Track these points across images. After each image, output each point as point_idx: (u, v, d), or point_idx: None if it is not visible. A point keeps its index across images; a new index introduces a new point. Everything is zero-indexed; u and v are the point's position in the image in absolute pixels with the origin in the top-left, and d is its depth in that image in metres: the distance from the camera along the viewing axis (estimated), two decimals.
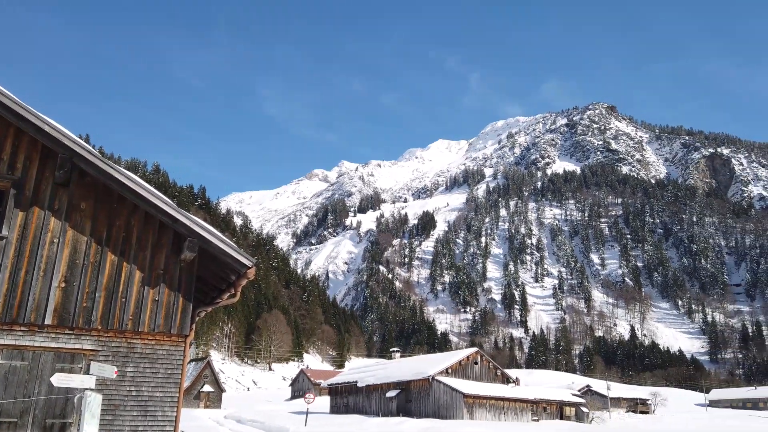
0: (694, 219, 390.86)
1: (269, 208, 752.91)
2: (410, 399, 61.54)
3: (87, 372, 11.61)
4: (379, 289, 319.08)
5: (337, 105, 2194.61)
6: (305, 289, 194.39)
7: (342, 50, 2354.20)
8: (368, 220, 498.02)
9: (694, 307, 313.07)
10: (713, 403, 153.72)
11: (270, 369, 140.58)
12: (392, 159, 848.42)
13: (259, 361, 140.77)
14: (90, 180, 12.71)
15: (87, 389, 11.12)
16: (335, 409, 71.88)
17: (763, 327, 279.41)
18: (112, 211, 12.88)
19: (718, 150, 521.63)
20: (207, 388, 78.07)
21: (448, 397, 57.41)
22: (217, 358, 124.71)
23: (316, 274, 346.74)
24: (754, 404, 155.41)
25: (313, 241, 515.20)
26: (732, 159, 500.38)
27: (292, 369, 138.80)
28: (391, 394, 62.39)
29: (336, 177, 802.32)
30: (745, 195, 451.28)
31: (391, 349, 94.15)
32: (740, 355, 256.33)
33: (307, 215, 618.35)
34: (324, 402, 79.55)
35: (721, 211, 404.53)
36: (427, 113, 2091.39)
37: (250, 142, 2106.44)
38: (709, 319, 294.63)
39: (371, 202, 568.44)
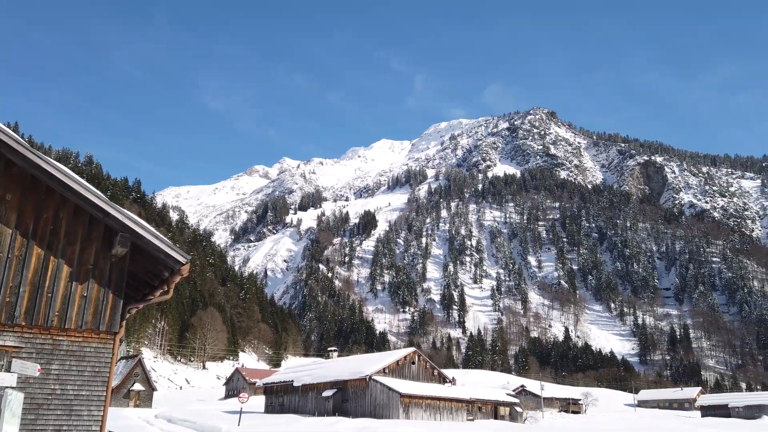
0: (628, 224, 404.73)
1: (207, 203, 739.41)
2: (347, 398, 61.45)
3: (8, 370, 11.14)
4: (318, 287, 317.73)
5: (281, 101, 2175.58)
6: (242, 286, 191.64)
7: (286, 46, 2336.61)
8: (309, 218, 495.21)
9: (625, 309, 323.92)
10: (642, 404, 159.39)
11: (204, 368, 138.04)
12: (335, 157, 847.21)
13: (192, 359, 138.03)
14: (17, 170, 12.18)
15: (7, 387, 10.67)
16: (270, 409, 71.13)
17: (690, 330, 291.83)
18: (40, 203, 12.38)
19: (652, 158, 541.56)
20: (137, 386, 76.07)
21: (384, 396, 57.58)
22: (148, 356, 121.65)
23: (255, 272, 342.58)
24: (680, 404, 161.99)
25: (252, 238, 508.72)
26: (665, 167, 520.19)
27: (227, 368, 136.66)
28: (328, 393, 62.17)
29: (277, 174, 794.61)
30: (677, 202, 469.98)
31: (329, 349, 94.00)
32: (668, 357, 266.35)
33: (246, 212, 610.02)
34: (259, 401, 78.61)
35: (654, 217, 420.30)
36: (371, 113, 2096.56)
37: (189, 135, 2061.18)
38: (640, 321, 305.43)
39: (312, 200, 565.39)
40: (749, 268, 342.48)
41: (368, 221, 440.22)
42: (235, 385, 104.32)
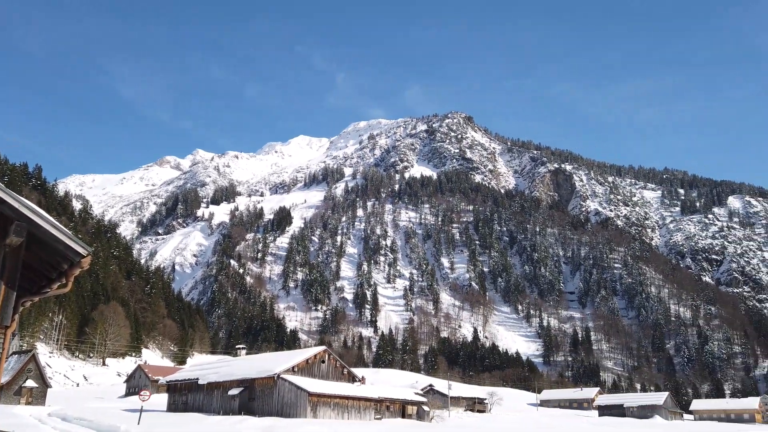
0: (537, 229, 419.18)
1: (114, 193, 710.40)
2: (254, 397, 60.33)
3: None
4: (228, 283, 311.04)
5: (196, 91, 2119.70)
6: (148, 281, 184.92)
7: (204, 35, 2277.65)
8: (221, 213, 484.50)
9: (532, 312, 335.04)
10: (544, 403, 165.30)
11: (104, 364, 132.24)
12: (251, 151, 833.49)
13: (92, 355, 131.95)
14: None
15: None
16: (173, 407, 68.96)
17: (592, 333, 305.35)
18: None
19: (562, 166, 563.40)
20: (30, 383, 71.82)
21: (292, 395, 56.89)
22: (44, 351, 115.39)
23: (162, 266, 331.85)
24: (579, 404, 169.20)
25: (160, 231, 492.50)
26: (574, 175, 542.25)
27: (128, 364, 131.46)
28: (234, 392, 60.83)
29: (189, 165, 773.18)
30: (583, 209, 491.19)
31: (237, 346, 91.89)
32: (570, 358, 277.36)
33: (155, 203, 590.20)
34: (161, 400, 76.20)
35: (561, 223, 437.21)
36: (290, 108, 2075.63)
37: (96, 121, 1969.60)
38: (545, 323, 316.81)
39: (226, 194, 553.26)
40: (647, 275, 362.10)
41: (283, 218, 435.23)
42: (136, 383, 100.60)
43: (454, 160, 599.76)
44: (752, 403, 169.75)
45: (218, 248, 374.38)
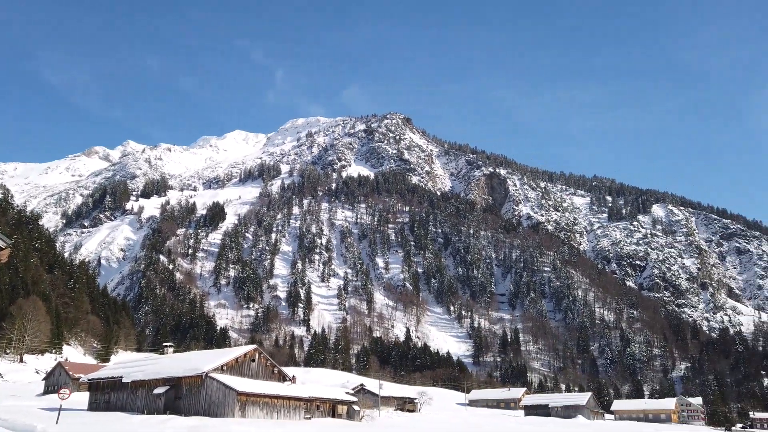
0: (471, 231, 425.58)
1: (37, 183, 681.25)
2: (180, 396, 58.39)
3: None
4: (157, 279, 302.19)
5: (129, 81, 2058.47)
6: (72, 275, 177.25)
7: (139, 24, 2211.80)
8: (152, 206, 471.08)
9: (464, 313, 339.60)
10: (473, 403, 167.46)
11: (22, 361, 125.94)
12: (185, 144, 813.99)
13: (8, 351, 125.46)
14: None
15: None
16: (95, 406, 66.20)
17: (520, 334, 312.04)
18: None
19: (497, 170, 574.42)
20: None
21: (220, 394, 55.34)
22: None
23: (87, 260, 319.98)
24: (506, 404, 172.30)
25: (86, 224, 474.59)
26: (508, 180, 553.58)
27: (48, 361, 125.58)
28: (160, 390, 58.70)
29: (119, 157, 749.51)
30: (516, 213, 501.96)
31: (164, 344, 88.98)
32: (499, 359, 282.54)
33: (81, 195, 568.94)
34: (83, 398, 73.12)
35: (495, 226, 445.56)
36: (227, 102, 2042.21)
37: (20, 107, 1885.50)
38: (476, 324, 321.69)
39: (157, 187, 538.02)
40: (575, 279, 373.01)
41: (216, 213, 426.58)
42: (56, 380, 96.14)
43: (392, 161, 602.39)
44: (669, 403, 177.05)
45: (147, 243, 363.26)
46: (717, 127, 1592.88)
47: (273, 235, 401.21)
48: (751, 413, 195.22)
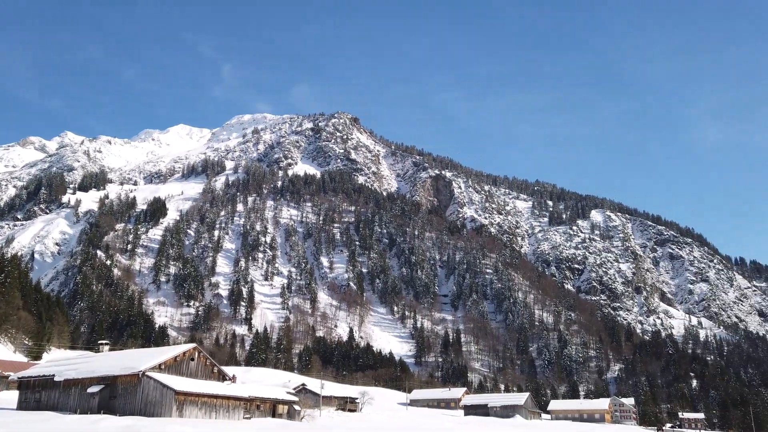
0: (416, 233, 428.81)
1: None
2: (115, 395, 56.92)
3: None
4: (93, 275, 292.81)
5: (68, 70, 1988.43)
6: (3, 269, 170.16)
7: (80, 11, 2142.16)
8: (90, 200, 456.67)
9: (407, 313, 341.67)
10: (413, 402, 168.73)
11: None
12: (126, 137, 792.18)
13: None
14: None
15: None
16: (24, 405, 63.94)
17: (462, 334, 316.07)
18: None
19: (443, 172, 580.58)
20: None
21: (158, 394, 54.17)
22: None
23: (20, 254, 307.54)
24: (446, 404, 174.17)
25: (19, 217, 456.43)
26: (453, 182, 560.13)
27: None
28: (94, 389, 57.09)
29: (56, 148, 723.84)
30: (460, 215, 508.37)
31: (100, 342, 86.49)
32: (441, 359, 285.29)
33: (15, 186, 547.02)
34: (12, 397, 70.72)
35: (439, 228, 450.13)
36: (171, 95, 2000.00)
37: None
38: (419, 325, 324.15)
39: (96, 180, 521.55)
40: (516, 281, 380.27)
41: (157, 209, 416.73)
42: None
43: (339, 160, 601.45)
44: (603, 404, 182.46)
45: (84, 237, 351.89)
46: (655, 135, 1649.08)
47: (216, 233, 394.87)
48: (680, 413, 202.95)
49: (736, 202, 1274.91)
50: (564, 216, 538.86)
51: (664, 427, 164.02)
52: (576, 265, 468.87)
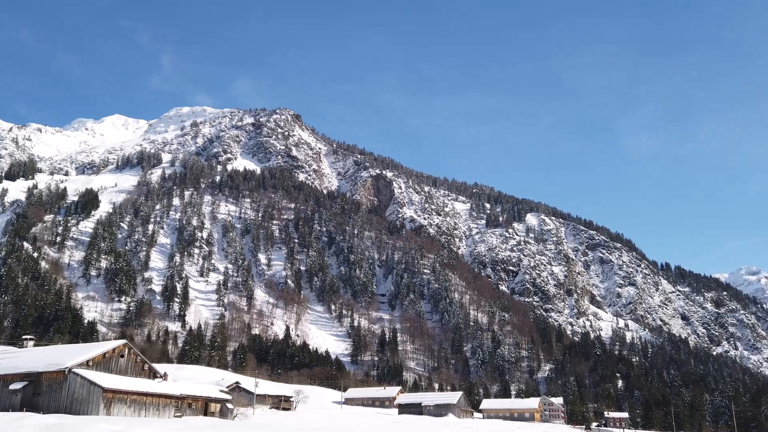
0: (356, 232, 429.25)
1: None
2: (39, 392, 55.12)
3: None
4: (19, 268, 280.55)
5: None
6: None
7: None
8: (17, 189, 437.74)
9: (344, 312, 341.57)
10: (349, 401, 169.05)
11: None
12: (57, 126, 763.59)
13: None
14: None
15: None
16: None
17: (398, 334, 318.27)
18: None
19: (383, 172, 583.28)
20: None
21: (84, 391, 52.77)
22: None
23: None
24: (381, 402, 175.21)
25: None
26: (393, 182, 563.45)
27: None
28: (16, 386, 55.14)
29: None
30: (400, 216, 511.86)
31: (24, 337, 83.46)
32: (377, 358, 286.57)
33: None
34: None
35: (379, 228, 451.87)
36: (107, 84, 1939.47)
37: None
38: (356, 324, 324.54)
39: (24, 169, 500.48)
40: (452, 281, 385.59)
41: (89, 200, 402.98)
42: None
43: (280, 157, 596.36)
44: (533, 403, 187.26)
45: (10, 228, 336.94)
46: (590, 143, 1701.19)
47: (150, 226, 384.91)
48: (606, 413, 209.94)
49: (663, 210, 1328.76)
50: (501, 219, 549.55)
51: (592, 426, 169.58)
52: (511, 267, 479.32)
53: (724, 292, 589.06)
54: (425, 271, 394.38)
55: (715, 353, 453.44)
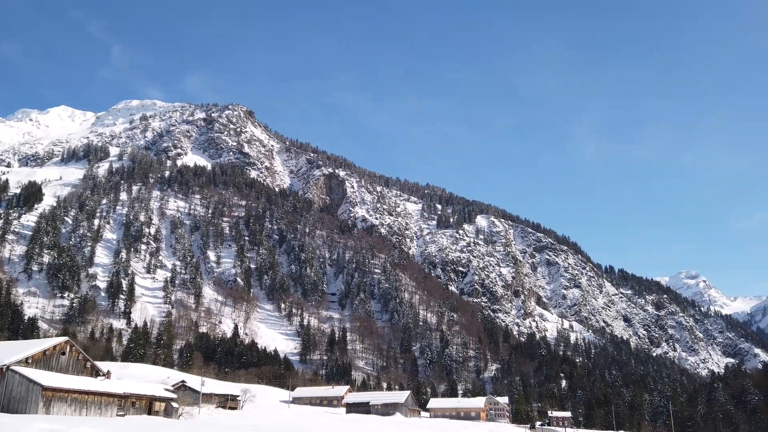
0: (307, 230, 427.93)
1: None
2: None
3: None
4: None
5: None
6: None
7: None
8: None
9: (294, 310, 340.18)
10: (296, 400, 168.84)
11: None
12: (0, 116, 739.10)
13: None
14: None
15: None
16: None
17: (348, 333, 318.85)
18: None
19: (336, 171, 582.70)
20: None
21: (23, 389, 51.83)
22: None
23: None
24: (329, 401, 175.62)
25: None
26: (346, 181, 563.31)
27: None
28: None
29: None
30: (352, 215, 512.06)
31: None
32: (326, 357, 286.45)
33: None
34: None
35: (330, 226, 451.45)
36: (54, 74, 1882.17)
37: None
38: (306, 323, 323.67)
39: None
40: (403, 281, 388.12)
41: (32, 193, 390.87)
42: None
43: (231, 153, 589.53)
44: (479, 402, 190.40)
45: None
46: (540, 147, 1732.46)
47: (96, 221, 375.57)
48: (549, 412, 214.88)
49: (609, 214, 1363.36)
50: (451, 220, 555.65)
51: (536, 425, 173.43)
52: (460, 268, 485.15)
53: (665, 295, 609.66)
54: (376, 270, 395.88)
55: (654, 354, 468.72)
